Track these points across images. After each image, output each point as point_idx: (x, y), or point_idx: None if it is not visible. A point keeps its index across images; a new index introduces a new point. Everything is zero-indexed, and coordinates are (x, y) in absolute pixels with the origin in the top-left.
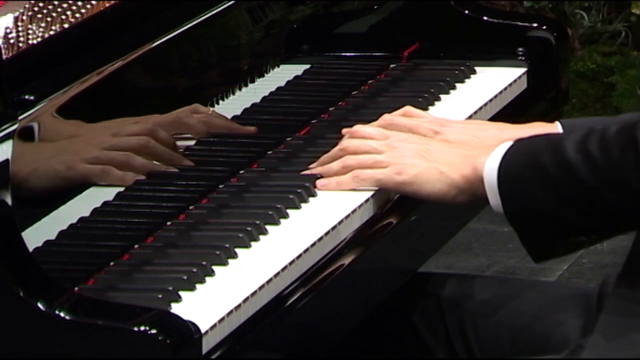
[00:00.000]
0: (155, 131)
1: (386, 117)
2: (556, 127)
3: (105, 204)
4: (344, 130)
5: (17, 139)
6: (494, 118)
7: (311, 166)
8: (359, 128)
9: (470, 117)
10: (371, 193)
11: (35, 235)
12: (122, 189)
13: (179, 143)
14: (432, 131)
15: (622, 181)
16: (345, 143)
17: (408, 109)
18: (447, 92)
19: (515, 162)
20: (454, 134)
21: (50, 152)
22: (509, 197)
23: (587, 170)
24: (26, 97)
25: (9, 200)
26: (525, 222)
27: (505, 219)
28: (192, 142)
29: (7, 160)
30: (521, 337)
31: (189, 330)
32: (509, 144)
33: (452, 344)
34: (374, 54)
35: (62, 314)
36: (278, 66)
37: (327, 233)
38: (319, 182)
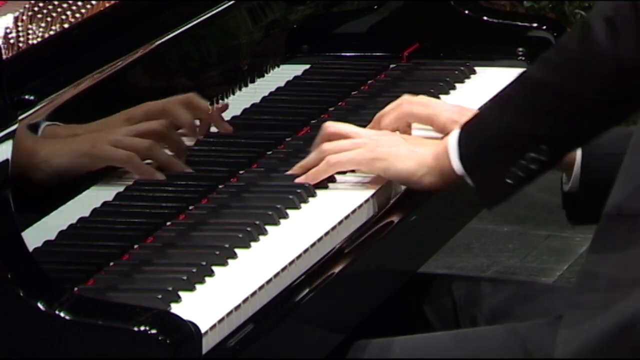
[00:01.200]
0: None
1: (404, 107)
2: None
3: (105, 204)
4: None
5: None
6: None
7: (292, 173)
8: (333, 124)
9: None
10: (371, 193)
11: (35, 235)
12: (122, 189)
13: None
14: (451, 120)
15: (567, 58)
16: (324, 147)
17: (411, 98)
18: (447, 92)
19: (476, 118)
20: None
21: (76, 130)
22: (463, 137)
23: (537, 67)
24: (26, 97)
25: (9, 200)
26: (477, 154)
27: (505, 218)
28: (192, 142)
29: (7, 160)
30: None
31: (189, 330)
32: None
33: None
34: (374, 54)
35: (62, 314)
36: (278, 66)
37: (327, 233)
38: (297, 180)
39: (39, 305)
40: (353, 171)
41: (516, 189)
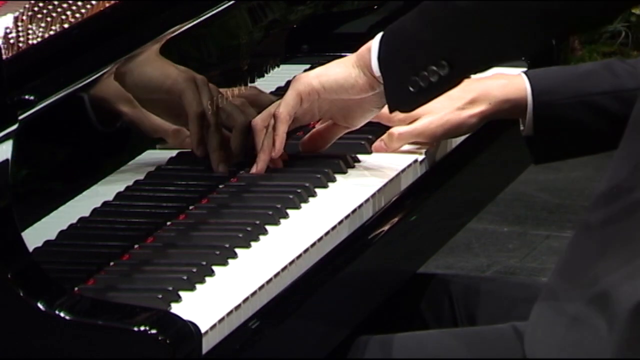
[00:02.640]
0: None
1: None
2: (522, 80)
3: (105, 204)
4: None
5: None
6: None
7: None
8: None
9: None
10: (371, 193)
11: (35, 235)
12: (122, 189)
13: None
14: None
15: None
16: (253, 122)
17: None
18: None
19: (400, 20)
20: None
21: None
22: (385, 38)
23: None
24: (26, 97)
25: (9, 201)
26: (390, 60)
27: (505, 218)
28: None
29: (7, 160)
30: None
31: (189, 330)
32: None
33: None
34: None
35: (62, 314)
36: (278, 66)
37: (327, 233)
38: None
39: (39, 305)
40: (352, 167)
41: (419, 98)
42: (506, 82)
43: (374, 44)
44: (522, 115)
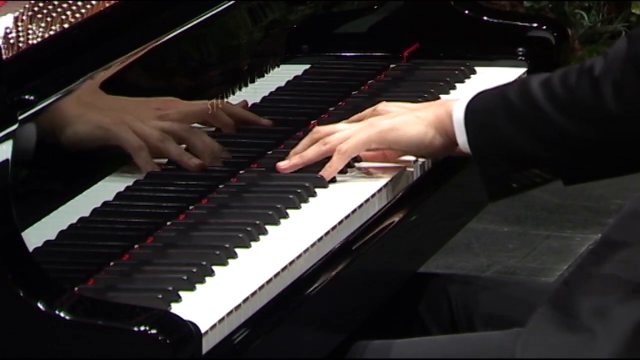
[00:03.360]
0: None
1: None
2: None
3: (105, 204)
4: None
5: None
6: None
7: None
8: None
9: None
10: (372, 193)
11: (35, 235)
12: (122, 189)
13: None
14: (369, 110)
15: (574, 107)
16: (315, 130)
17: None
18: (447, 92)
19: (483, 99)
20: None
21: (102, 104)
22: (473, 129)
23: (545, 98)
24: (26, 97)
25: (9, 200)
26: (485, 153)
27: (505, 218)
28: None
29: (7, 160)
30: None
31: (189, 330)
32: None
33: None
34: (374, 54)
35: (62, 314)
36: (278, 66)
37: (327, 233)
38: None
39: (39, 305)
40: (352, 167)
41: (520, 192)
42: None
43: (457, 114)
44: None
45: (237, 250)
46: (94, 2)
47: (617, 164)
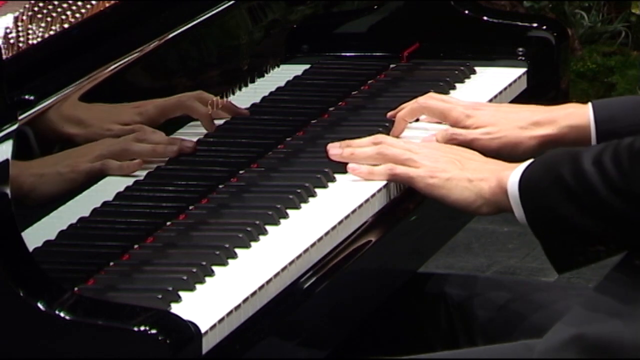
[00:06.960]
0: (149, 118)
1: (420, 100)
2: (587, 109)
3: (105, 204)
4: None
5: (17, 146)
6: None
7: (340, 143)
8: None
9: None
10: (371, 193)
11: (35, 235)
12: (122, 189)
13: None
14: (464, 114)
15: (631, 191)
16: (380, 137)
17: (432, 94)
18: (447, 92)
19: (536, 174)
20: (485, 117)
21: (54, 159)
22: (530, 208)
23: (600, 181)
24: (26, 97)
25: (9, 200)
26: (546, 232)
27: (505, 218)
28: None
29: (7, 160)
30: (528, 337)
31: (189, 330)
32: (531, 160)
33: (458, 345)
34: (374, 54)
35: (62, 314)
36: (278, 66)
37: (327, 233)
38: (350, 167)
39: (39, 305)
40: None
41: (587, 265)
42: (573, 110)
43: (511, 190)
44: (588, 143)
45: (237, 250)
46: (94, 2)
47: None
